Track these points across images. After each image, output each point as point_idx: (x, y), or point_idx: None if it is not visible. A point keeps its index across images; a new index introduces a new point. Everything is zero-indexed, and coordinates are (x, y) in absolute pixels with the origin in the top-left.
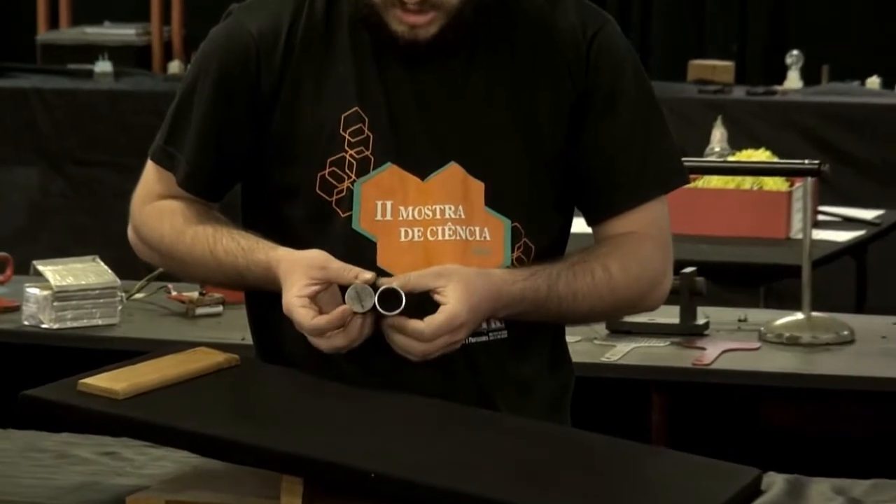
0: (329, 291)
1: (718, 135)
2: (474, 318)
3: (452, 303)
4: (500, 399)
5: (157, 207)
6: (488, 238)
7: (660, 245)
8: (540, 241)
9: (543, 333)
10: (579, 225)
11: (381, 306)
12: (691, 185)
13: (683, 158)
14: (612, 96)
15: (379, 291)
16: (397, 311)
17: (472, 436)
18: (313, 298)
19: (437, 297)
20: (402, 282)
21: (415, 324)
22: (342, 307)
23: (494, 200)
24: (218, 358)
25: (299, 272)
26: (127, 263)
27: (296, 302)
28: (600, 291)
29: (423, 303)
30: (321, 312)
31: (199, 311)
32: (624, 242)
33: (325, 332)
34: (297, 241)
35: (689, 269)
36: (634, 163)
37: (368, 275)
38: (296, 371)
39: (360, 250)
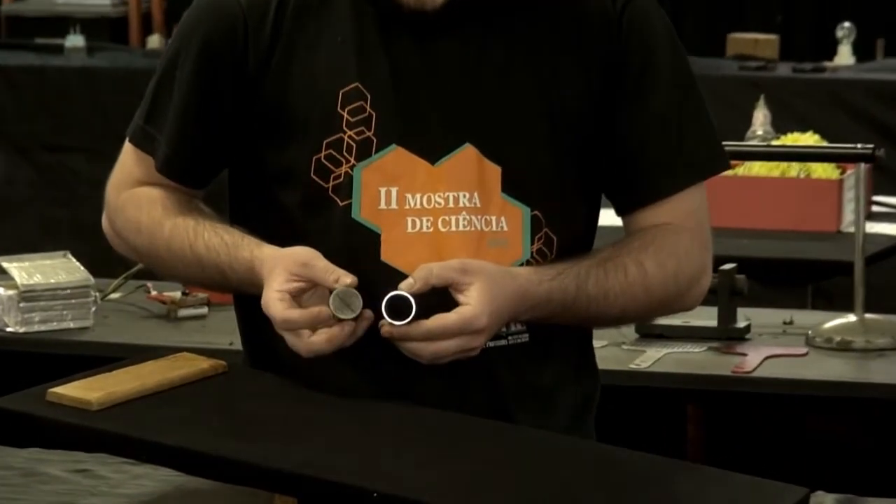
0: (317, 293)
1: (761, 116)
2: (495, 322)
3: (473, 304)
4: (518, 410)
5: (135, 195)
6: (505, 228)
7: (698, 238)
8: (563, 233)
9: (568, 337)
10: (607, 216)
11: (389, 314)
12: (731, 172)
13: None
14: (644, 72)
15: (388, 298)
16: (407, 321)
17: (486, 451)
18: (296, 297)
19: (457, 296)
20: (424, 274)
21: (422, 325)
22: (321, 307)
23: (512, 186)
24: (203, 364)
25: (281, 268)
26: (102, 260)
27: (274, 296)
28: (634, 291)
29: (437, 299)
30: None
31: (182, 312)
32: (658, 235)
33: (296, 328)
34: (290, 234)
35: (728, 266)
36: (669, 146)
37: (349, 279)
38: (290, 379)
39: (361, 243)
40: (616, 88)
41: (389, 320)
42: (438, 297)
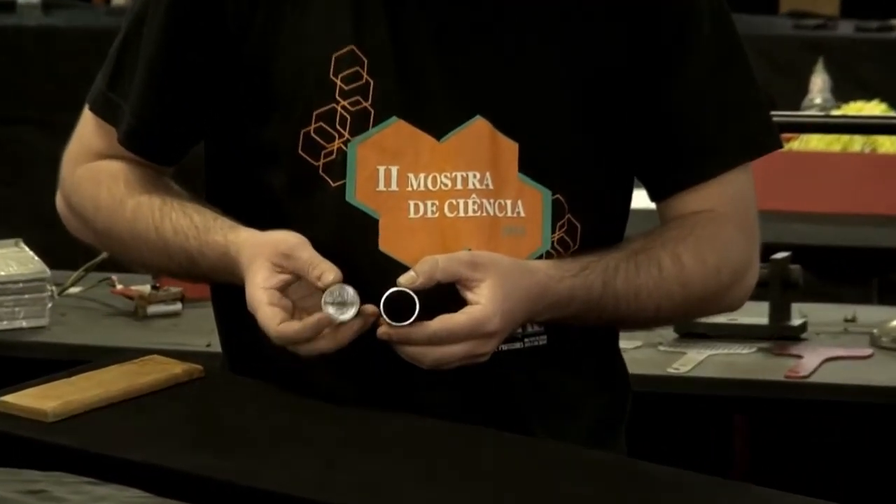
0: (303, 284)
1: (820, 82)
2: (509, 324)
3: (484, 303)
4: (536, 421)
5: (94, 169)
6: (522, 214)
7: (743, 226)
8: (588, 220)
9: (592, 339)
10: (640, 199)
11: (387, 314)
12: (784, 148)
13: (774, 113)
14: (680, 36)
15: (386, 296)
16: (409, 322)
17: (500, 468)
18: (283, 290)
19: (466, 294)
20: (428, 268)
21: (425, 326)
22: (318, 315)
23: (531, 165)
24: (176, 369)
25: (262, 258)
26: (59, 249)
27: (261, 297)
28: (669, 288)
29: (442, 296)
30: (294, 310)
31: (152, 309)
32: (698, 224)
33: (295, 343)
34: (274, 220)
35: (781, 255)
36: (710, 121)
37: (332, 274)
38: (276, 386)
39: (356, 230)
40: (648, 55)
41: (388, 320)
42: (444, 294)
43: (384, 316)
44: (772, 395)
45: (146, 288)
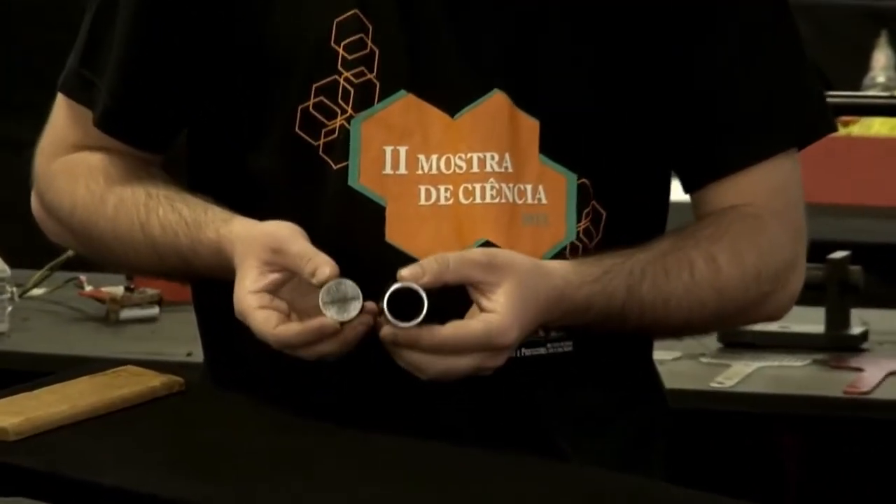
0: (298, 283)
1: (883, 59)
2: (521, 335)
3: (502, 314)
4: (561, 438)
5: (70, 163)
6: (544, 200)
7: (787, 223)
8: (615, 207)
9: (623, 346)
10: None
11: (392, 312)
12: (842, 131)
13: (829, 94)
14: (715, 3)
15: (392, 292)
16: (416, 322)
17: (520, 496)
18: (275, 291)
19: (478, 299)
20: (438, 268)
21: (435, 332)
22: (321, 319)
23: (554, 146)
24: (152, 382)
25: (252, 256)
26: (22, 246)
27: (250, 301)
28: (702, 294)
29: (446, 298)
30: (293, 311)
31: (126, 313)
32: (735, 220)
33: (295, 347)
34: (268, 209)
35: (838, 255)
36: (750, 100)
37: (327, 269)
38: (264, 401)
39: (359, 218)
40: (682, 26)
41: (393, 319)
42: (450, 295)
43: (388, 314)
44: (828, 413)
45: (119, 289)
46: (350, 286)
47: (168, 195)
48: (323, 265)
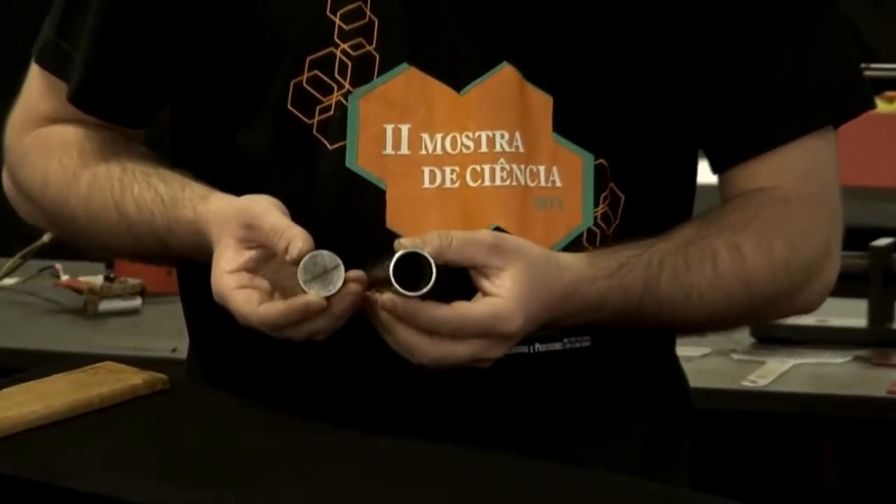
0: (277, 262)
1: None
2: (528, 329)
3: (507, 298)
4: (576, 441)
5: (44, 137)
6: (559, 183)
7: (820, 207)
8: (634, 191)
9: (645, 341)
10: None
11: (398, 280)
12: (880, 109)
13: (877, 66)
14: None
15: (399, 257)
16: (423, 291)
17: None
18: (255, 270)
19: (481, 283)
20: (440, 243)
21: (436, 310)
22: (306, 298)
23: (568, 123)
24: (134, 379)
25: (227, 235)
26: None
27: (228, 282)
28: (727, 287)
29: (449, 284)
30: (276, 291)
31: (105, 305)
32: (763, 205)
33: (282, 328)
34: (259, 192)
35: (882, 242)
36: (781, 75)
37: (299, 243)
38: (255, 400)
39: (358, 203)
40: None
41: (398, 287)
42: (450, 282)
43: (394, 281)
44: (870, 414)
45: (98, 279)
46: (327, 256)
47: (145, 171)
48: (296, 238)
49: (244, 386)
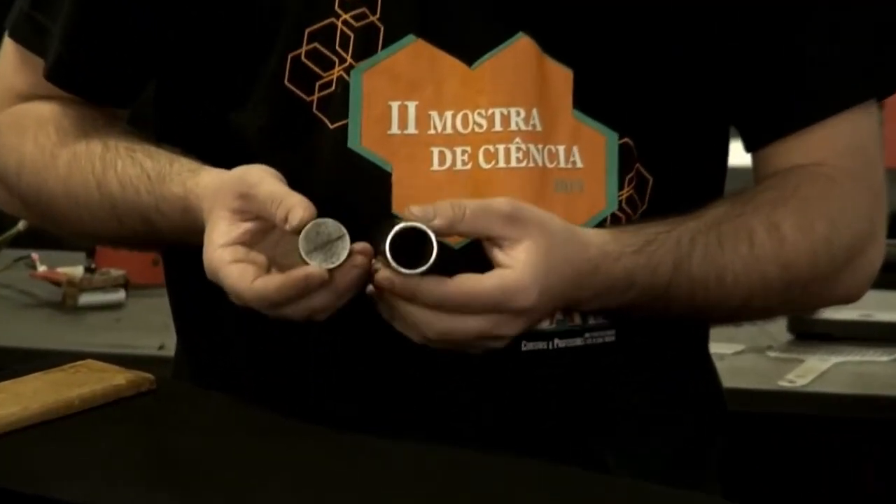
0: (277, 235)
1: None
2: (545, 306)
3: (520, 270)
4: (598, 445)
5: (18, 115)
6: (579, 164)
7: (865, 186)
8: (662, 172)
9: (674, 335)
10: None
11: (394, 256)
12: None
13: None
14: None
15: (396, 231)
16: (422, 270)
17: None
18: (252, 244)
19: (494, 254)
20: (452, 213)
21: (440, 283)
22: (307, 269)
23: (590, 99)
24: (117, 379)
25: (219, 207)
26: None
27: (222, 255)
28: (763, 269)
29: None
30: (273, 266)
31: (86, 298)
32: (803, 183)
33: (280, 306)
34: None
35: None
36: (822, 44)
37: (300, 212)
38: (248, 401)
39: (361, 186)
40: None
41: (395, 265)
42: (459, 254)
43: (390, 258)
44: None
45: (77, 270)
46: (332, 225)
47: (129, 147)
48: (297, 206)
49: (236, 386)
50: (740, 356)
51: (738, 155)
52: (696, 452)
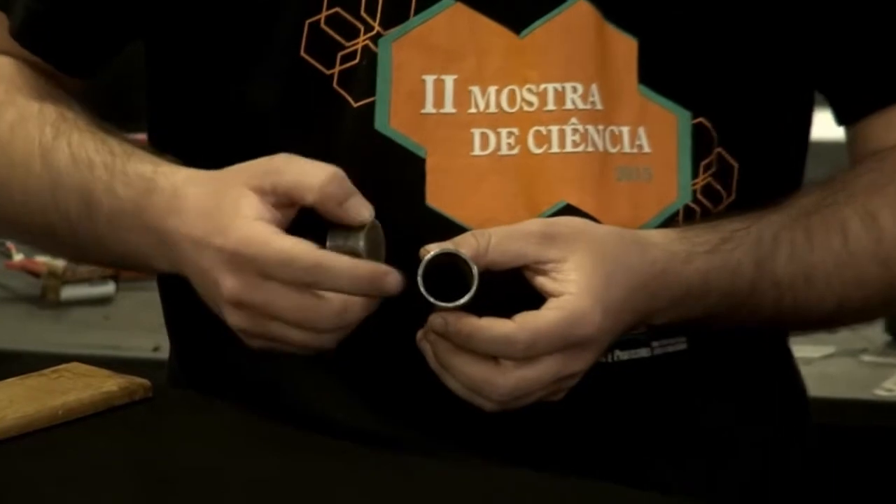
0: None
1: None
2: (611, 330)
3: (576, 293)
4: (665, 467)
5: None
6: (647, 148)
7: None
8: (750, 157)
9: (752, 343)
10: (822, 125)
11: (427, 290)
12: None
13: None
14: None
15: (425, 261)
16: (461, 302)
17: None
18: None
19: (542, 283)
20: (476, 243)
21: (496, 327)
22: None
23: (658, 73)
24: (108, 385)
25: (241, 185)
26: None
27: (261, 230)
28: (860, 266)
29: (505, 293)
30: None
31: (70, 292)
32: None
33: (341, 286)
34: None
35: None
36: None
37: (366, 211)
38: (254, 408)
39: (390, 175)
40: None
41: (427, 295)
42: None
43: (423, 289)
44: None
45: (59, 260)
46: (375, 229)
47: (91, 121)
48: (360, 203)
49: (240, 393)
50: (830, 360)
51: (823, 127)
52: (778, 472)
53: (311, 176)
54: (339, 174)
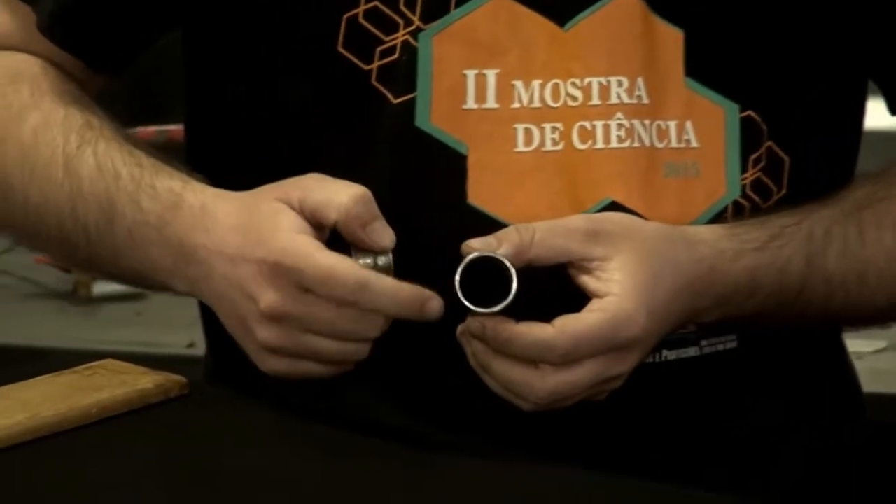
0: None
1: None
2: (656, 331)
3: (620, 294)
4: (713, 468)
5: None
6: (694, 143)
7: None
8: (801, 151)
9: (804, 339)
10: (875, 115)
11: (465, 291)
12: None
13: None
14: None
15: (462, 266)
16: (500, 307)
17: None
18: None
19: (586, 282)
20: (518, 238)
21: (534, 331)
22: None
23: (705, 66)
24: (142, 382)
25: (272, 199)
26: None
27: (305, 240)
28: None
29: (546, 292)
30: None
31: (102, 288)
32: None
33: (379, 304)
34: (300, 160)
35: None
36: None
37: (387, 238)
38: (293, 408)
39: (431, 172)
40: None
41: (468, 304)
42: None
43: (460, 294)
44: None
45: None
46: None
47: (118, 130)
48: (382, 230)
49: (276, 390)
50: (881, 355)
51: (876, 116)
52: (832, 472)
53: (337, 194)
54: (367, 196)
